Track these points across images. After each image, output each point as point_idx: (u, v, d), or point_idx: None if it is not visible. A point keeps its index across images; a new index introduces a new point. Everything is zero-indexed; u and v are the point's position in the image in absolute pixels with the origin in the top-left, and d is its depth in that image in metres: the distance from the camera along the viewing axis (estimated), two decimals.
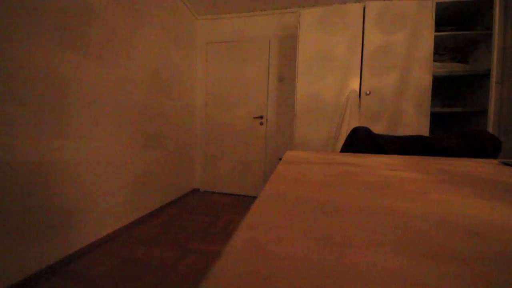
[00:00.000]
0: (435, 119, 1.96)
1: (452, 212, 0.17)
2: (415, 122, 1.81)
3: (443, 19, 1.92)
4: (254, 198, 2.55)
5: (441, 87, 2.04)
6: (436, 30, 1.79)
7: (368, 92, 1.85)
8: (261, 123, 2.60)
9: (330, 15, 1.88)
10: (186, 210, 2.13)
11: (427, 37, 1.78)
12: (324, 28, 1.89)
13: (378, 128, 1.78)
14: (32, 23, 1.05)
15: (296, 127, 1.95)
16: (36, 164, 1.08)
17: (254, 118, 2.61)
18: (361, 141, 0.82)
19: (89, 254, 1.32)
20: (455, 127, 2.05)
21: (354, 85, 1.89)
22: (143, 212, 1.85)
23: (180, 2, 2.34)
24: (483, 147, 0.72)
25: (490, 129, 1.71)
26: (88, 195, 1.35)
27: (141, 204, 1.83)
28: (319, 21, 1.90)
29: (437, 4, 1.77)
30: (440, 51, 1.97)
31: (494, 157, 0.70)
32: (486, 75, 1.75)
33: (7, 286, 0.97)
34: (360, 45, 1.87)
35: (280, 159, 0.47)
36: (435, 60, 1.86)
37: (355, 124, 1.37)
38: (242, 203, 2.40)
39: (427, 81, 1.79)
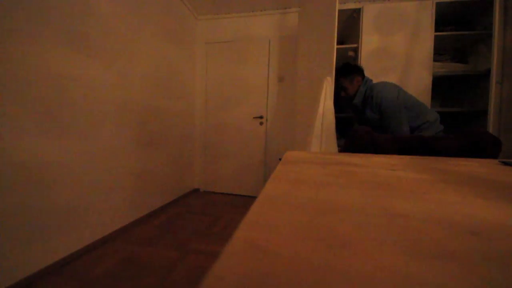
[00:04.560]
0: None
1: (452, 212, 0.17)
2: None
3: (443, 19, 1.92)
4: (254, 198, 2.55)
5: (441, 87, 2.04)
6: (436, 30, 1.79)
7: None
8: (261, 123, 2.60)
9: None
10: (186, 210, 2.13)
11: (427, 37, 1.78)
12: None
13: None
14: (33, 23, 1.05)
15: (297, 127, 1.95)
16: (36, 164, 1.08)
17: (254, 118, 2.61)
18: (361, 141, 0.82)
19: (89, 254, 1.32)
20: (455, 127, 2.05)
21: None
22: (143, 212, 1.85)
23: (180, 2, 2.34)
24: (483, 147, 0.72)
25: (490, 129, 1.71)
26: (88, 195, 1.35)
27: (141, 204, 1.83)
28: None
29: (437, 4, 1.78)
30: (440, 51, 1.97)
31: (494, 157, 0.70)
32: (486, 75, 1.75)
33: (7, 286, 0.98)
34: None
35: (280, 159, 0.47)
36: (435, 60, 1.86)
37: (330, 103, 1.41)
38: (242, 203, 2.40)
39: (427, 81, 1.79)
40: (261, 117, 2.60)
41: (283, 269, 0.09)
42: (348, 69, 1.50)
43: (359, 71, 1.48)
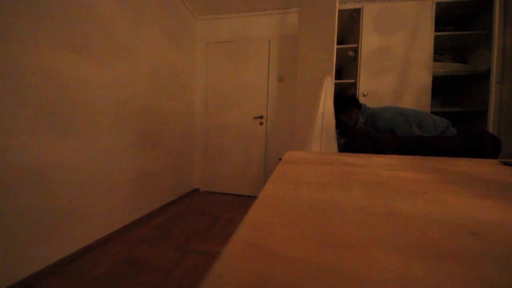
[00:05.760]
0: None
1: (452, 212, 0.17)
2: None
3: (443, 19, 1.92)
4: (254, 198, 2.55)
5: (441, 87, 2.04)
6: (436, 30, 1.79)
7: (365, 94, 1.86)
8: (261, 123, 2.60)
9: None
10: (186, 210, 2.13)
11: (427, 37, 1.78)
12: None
13: None
14: (33, 23, 1.05)
15: (297, 127, 1.95)
16: (36, 164, 1.08)
17: (254, 118, 2.61)
18: (361, 141, 0.82)
19: (89, 254, 1.32)
20: (455, 127, 2.04)
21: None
22: (143, 212, 1.85)
23: (180, 2, 2.34)
24: (483, 147, 0.72)
25: (490, 129, 1.71)
26: (88, 195, 1.35)
27: (141, 204, 1.83)
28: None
29: (437, 4, 1.78)
30: (440, 51, 1.97)
31: (494, 157, 0.70)
32: (486, 75, 1.75)
33: (7, 286, 0.97)
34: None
35: (280, 159, 0.47)
36: (435, 60, 1.86)
37: (330, 103, 1.40)
38: (242, 203, 2.40)
39: (427, 81, 1.79)
40: (261, 117, 2.59)
41: (283, 269, 0.09)
42: (344, 104, 1.50)
43: (356, 102, 1.48)
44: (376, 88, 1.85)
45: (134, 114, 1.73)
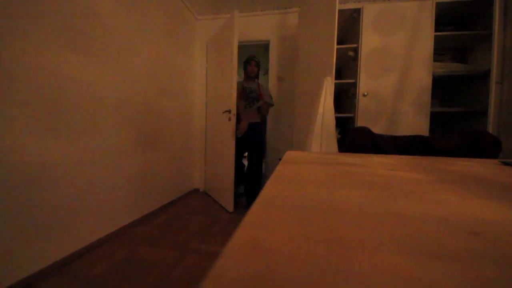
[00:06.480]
0: (435, 119, 1.96)
1: (452, 212, 0.17)
2: (414, 122, 1.81)
3: (443, 19, 1.92)
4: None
5: (441, 87, 2.04)
6: (436, 30, 1.79)
7: (365, 94, 1.86)
8: None
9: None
10: (186, 210, 2.13)
11: (427, 37, 1.78)
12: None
13: (377, 129, 1.78)
14: (33, 23, 1.05)
15: (297, 127, 1.95)
16: (36, 164, 1.08)
17: None
18: (361, 141, 0.82)
19: (89, 254, 1.32)
20: (455, 127, 2.05)
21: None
22: (143, 212, 1.85)
23: (180, 2, 2.34)
24: (483, 147, 0.72)
25: (490, 129, 1.71)
26: (88, 195, 1.35)
27: (141, 204, 1.83)
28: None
29: (437, 4, 1.77)
30: (440, 51, 1.97)
31: (494, 157, 0.70)
32: (486, 75, 1.75)
33: (7, 286, 0.97)
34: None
35: (280, 159, 0.47)
36: (435, 60, 1.86)
37: (330, 103, 1.40)
38: (242, 203, 2.40)
39: (427, 81, 1.79)
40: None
41: (283, 269, 0.09)
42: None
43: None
44: (376, 88, 1.85)
45: (134, 114, 1.73)
